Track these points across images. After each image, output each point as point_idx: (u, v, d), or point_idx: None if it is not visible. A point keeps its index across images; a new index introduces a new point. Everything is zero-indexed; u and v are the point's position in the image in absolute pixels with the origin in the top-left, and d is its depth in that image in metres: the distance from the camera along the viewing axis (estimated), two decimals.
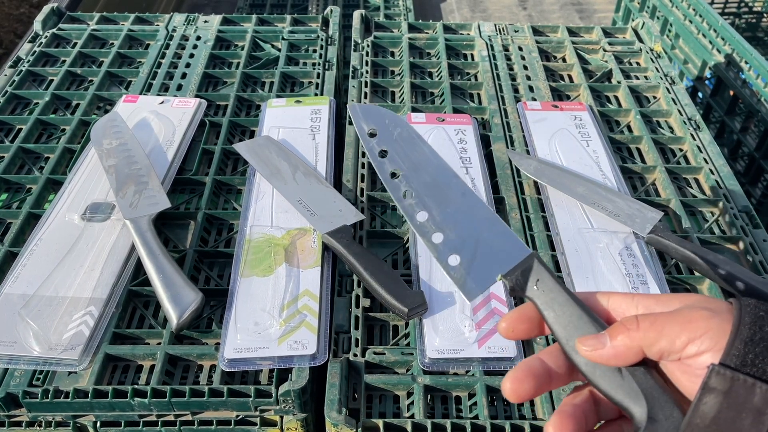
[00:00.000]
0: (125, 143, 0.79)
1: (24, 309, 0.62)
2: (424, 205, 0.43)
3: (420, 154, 0.46)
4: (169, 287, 0.62)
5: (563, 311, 0.37)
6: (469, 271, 0.41)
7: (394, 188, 0.44)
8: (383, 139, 0.46)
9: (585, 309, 0.37)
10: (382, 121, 0.47)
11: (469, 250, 0.41)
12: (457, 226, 0.42)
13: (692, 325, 0.33)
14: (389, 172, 0.45)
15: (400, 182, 0.44)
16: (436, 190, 0.44)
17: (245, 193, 0.76)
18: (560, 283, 0.38)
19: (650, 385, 0.34)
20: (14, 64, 0.99)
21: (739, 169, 1.35)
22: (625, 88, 0.96)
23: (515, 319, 0.39)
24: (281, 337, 0.60)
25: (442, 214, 0.43)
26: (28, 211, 0.74)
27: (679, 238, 0.68)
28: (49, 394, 0.56)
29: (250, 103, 0.93)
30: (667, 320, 0.34)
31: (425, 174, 0.45)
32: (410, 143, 0.46)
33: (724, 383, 0.31)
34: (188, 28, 1.08)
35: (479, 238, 0.41)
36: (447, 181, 0.44)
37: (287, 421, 0.59)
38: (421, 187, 0.44)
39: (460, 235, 0.42)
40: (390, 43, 1.06)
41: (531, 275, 0.39)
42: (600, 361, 0.35)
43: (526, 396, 0.37)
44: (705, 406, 0.32)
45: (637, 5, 1.66)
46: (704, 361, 0.33)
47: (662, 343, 0.34)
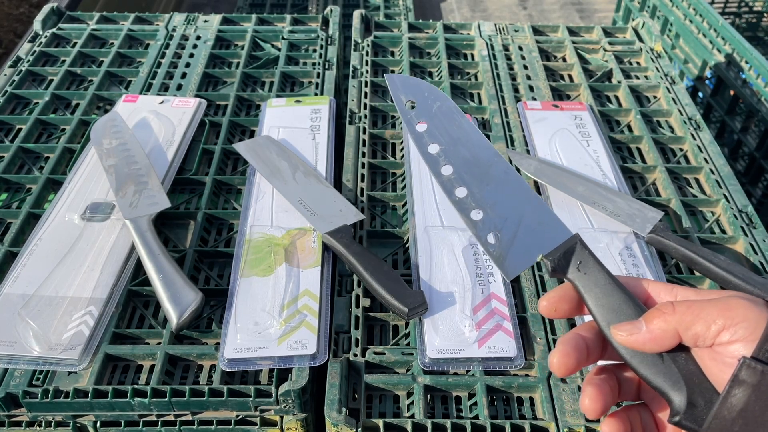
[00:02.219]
0: (125, 143, 0.79)
1: (24, 309, 0.62)
2: (463, 181, 0.42)
3: (460, 129, 0.44)
4: (169, 287, 0.62)
5: (604, 294, 0.37)
6: (509, 249, 0.40)
7: (433, 162, 0.43)
8: (422, 111, 0.45)
9: (626, 293, 0.37)
10: (421, 94, 0.46)
11: (510, 229, 0.40)
12: (498, 204, 0.41)
13: (730, 312, 0.33)
14: (427, 145, 0.43)
15: (438, 156, 0.43)
16: (476, 167, 0.43)
17: (245, 193, 0.76)
18: (602, 266, 0.38)
19: (691, 370, 0.34)
20: (14, 63, 0.99)
21: (739, 169, 1.35)
22: (625, 87, 0.96)
23: (557, 298, 0.39)
24: (281, 337, 0.60)
25: (482, 192, 0.42)
26: (28, 211, 0.74)
27: (679, 238, 0.68)
28: (49, 394, 0.56)
29: (250, 102, 0.93)
30: (704, 305, 0.34)
31: (465, 150, 0.44)
32: (449, 117, 0.45)
33: (755, 377, 0.31)
34: (188, 27, 1.08)
35: (520, 217, 0.41)
36: (488, 158, 0.43)
37: (287, 421, 0.59)
38: (461, 162, 0.43)
39: (500, 214, 0.41)
40: (390, 42, 1.06)
41: (573, 257, 0.38)
42: (636, 346, 0.35)
43: (571, 370, 0.37)
44: (734, 398, 0.32)
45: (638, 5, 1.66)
46: (736, 350, 0.33)
47: (698, 327, 0.34)
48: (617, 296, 0.37)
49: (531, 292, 0.67)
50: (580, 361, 0.37)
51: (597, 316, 0.37)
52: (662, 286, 0.38)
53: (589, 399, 0.37)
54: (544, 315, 0.39)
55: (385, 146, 0.86)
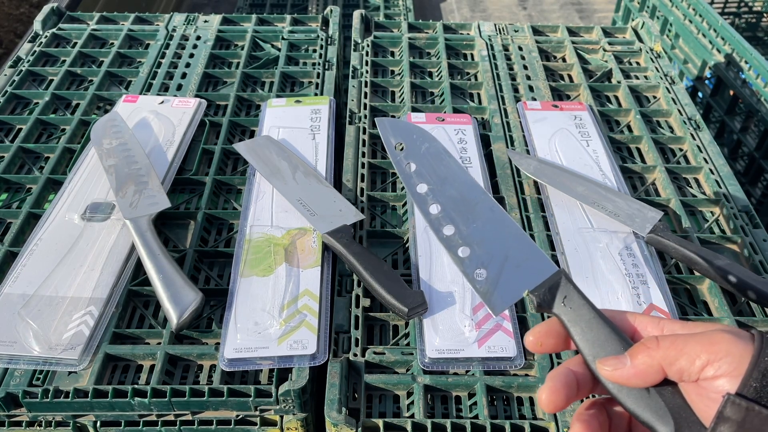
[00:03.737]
0: (125, 143, 0.79)
1: (24, 309, 0.62)
2: (451, 219, 0.44)
3: (447, 169, 0.46)
4: (169, 287, 0.62)
5: (590, 329, 0.37)
6: (495, 285, 0.41)
7: (421, 202, 0.45)
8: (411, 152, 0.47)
9: (612, 327, 0.37)
10: (410, 136, 0.47)
11: (496, 265, 0.41)
12: (485, 241, 0.43)
13: (713, 347, 0.33)
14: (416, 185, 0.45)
15: (427, 196, 0.45)
16: (463, 205, 0.44)
17: (245, 193, 0.76)
18: (587, 300, 0.38)
19: (677, 404, 0.34)
20: (14, 63, 0.99)
21: (739, 169, 1.35)
22: (625, 87, 0.96)
23: (543, 333, 0.39)
24: (281, 336, 0.60)
25: (469, 229, 0.43)
26: (28, 211, 0.74)
27: (679, 238, 0.68)
28: (49, 393, 0.56)
29: (250, 102, 0.93)
30: (688, 340, 0.34)
31: (452, 189, 0.45)
32: (437, 158, 0.46)
33: (739, 413, 0.31)
34: (188, 27, 1.08)
35: (506, 253, 0.42)
36: (474, 197, 0.45)
37: (287, 421, 0.59)
38: (449, 201, 0.44)
39: (487, 250, 0.42)
40: (390, 42, 1.06)
41: (558, 292, 0.39)
42: (621, 381, 0.35)
43: (560, 406, 0.37)
44: None
45: (637, 5, 1.66)
46: (720, 385, 0.33)
47: (682, 362, 0.34)
48: (603, 330, 0.37)
49: None
50: (570, 397, 0.37)
51: (583, 350, 0.37)
52: (648, 320, 0.38)
53: None
54: (529, 350, 0.40)
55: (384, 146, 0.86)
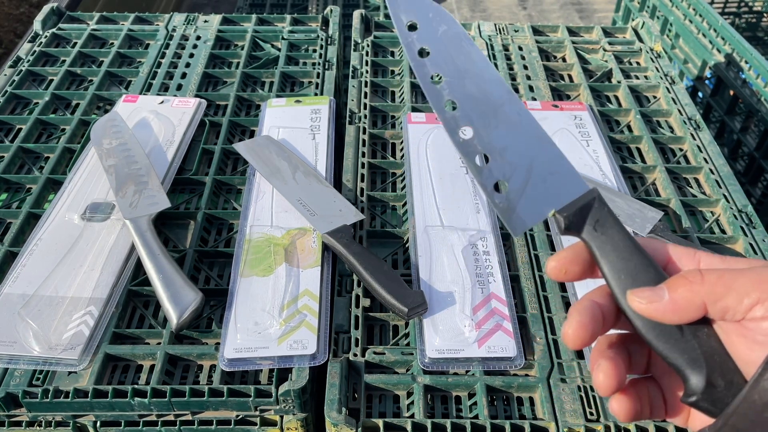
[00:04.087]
0: (125, 143, 0.79)
1: (24, 309, 0.62)
2: (469, 120, 0.37)
3: (468, 60, 0.39)
4: (168, 287, 0.62)
5: (621, 258, 0.33)
6: (517, 201, 0.36)
7: (435, 96, 0.38)
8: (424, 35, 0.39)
9: (647, 258, 0.33)
10: (425, 14, 0.39)
11: (519, 179, 0.36)
12: (508, 150, 0.36)
13: (766, 285, 0.30)
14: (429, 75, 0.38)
15: (443, 89, 0.38)
16: (485, 104, 0.37)
17: (245, 193, 0.76)
18: (622, 226, 0.34)
19: (712, 347, 0.31)
20: (14, 63, 0.99)
21: (739, 169, 1.35)
22: (625, 87, 0.96)
23: (568, 259, 0.35)
24: (281, 336, 0.60)
25: (489, 134, 0.37)
26: (27, 211, 0.74)
27: (678, 238, 0.68)
28: (49, 393, 0.56)
29: (250, 102, 0.93)
30: (737, 276, 0.31)
31: (473, 84, 0.38)
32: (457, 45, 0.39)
33: None
34: (188, 27, 1.08)
35: (532, 165, 0.36)
36: (499, 96, 0.38)
37: (287, 421, 0.59)
38: (468, 99, 0.38)
39: (510, 160, 0.36)
40: (390, 42, 1.06)
41: (590, 215, 0.34)
42: (654, 316, 0.32)
43: (586, 342, 0.33)
44: (767, 382, 0.29)
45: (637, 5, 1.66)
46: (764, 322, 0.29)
47: (729, 299, 0.30)
48: (636, 260, 0.33)
49: (531, 292, 0.67)
50: (596, 333, 0.33)
51: (612, 281, 0.33)
52: (683, 251, 0.35)
53: (604, 375, 0.33)
54: (551, 277, 0.35)
55: (385, 146, 0.86)
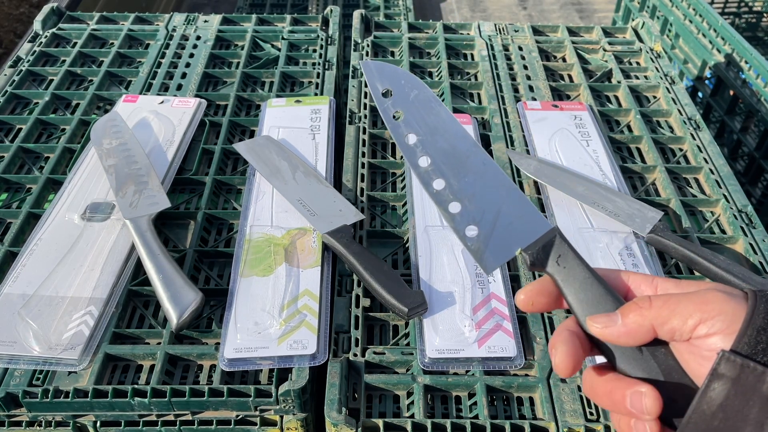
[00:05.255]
0: (125, 143, 0.79)
1: (24, 309, 0.62)
2: (441, 173, 0.41)
3: (437, 119, 0.43)
4: (169, 287, 0.62)
5: (583, 288, 0.37)
6: (487, 243, 0.39)
7: (410, 154, 0.42)
8: (398, 100, 0.43)
9: (605, 287, 0.37)
10: (398, 81, 0.44)
11: (488, 222, 0.39)
12: (476, 197, 0.40)
13: (706, 306, 0.33)
14: (404, 135, 0.42)
15: (415, 147, 0.42)
16: (454, 157, 0.41)
17: (245, 193, 0.76)
18: (581, 260, 0.37)
19: (669, 365, 0.34)
20: (14, 63, 0.99)
21: (739, 169, 1.35)
22: (625, 87, 0.96)
23: (535, 292, 0.38)
24: (281, 336, 0.60)
25: (460, 183, 0.41)
26: (28, 211, 0.74)
27: (679, 238, 0.68)
28: (49, 393, 0.56)
29: (250, 102, 0.93)
30: (681, 299, 0.34)
31: (443, 140, 0.42)
32: (427, 106, 0.43)
33: (734, 370, 0.31)
34: (188, 27, 1.08)
35: (499, 209, 0.40)
36: (466, 149, 0.42)
37: (287, 421, 0.59)
38: (439, 153, 0.41)
39: (479, 206, 0.40)
40: (390, 42, 1.06)
41: (552, 251, 0.38)
42: (610, 339, 0.35)
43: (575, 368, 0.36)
44: (713, 392, 0.31)
45: (637, 5, 1.66)
46: (713, 343, 0.32)
47: (674, 321, 0.33)
48: (596, 290, 0.36)
49: None
50: (580, 358, 0.36)
51: (576, 310, 0.37)
52: (642, 279, 0.38)
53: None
54: (521, 308, 0.39)
55: (385, 146, 0.86)
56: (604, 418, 0.57)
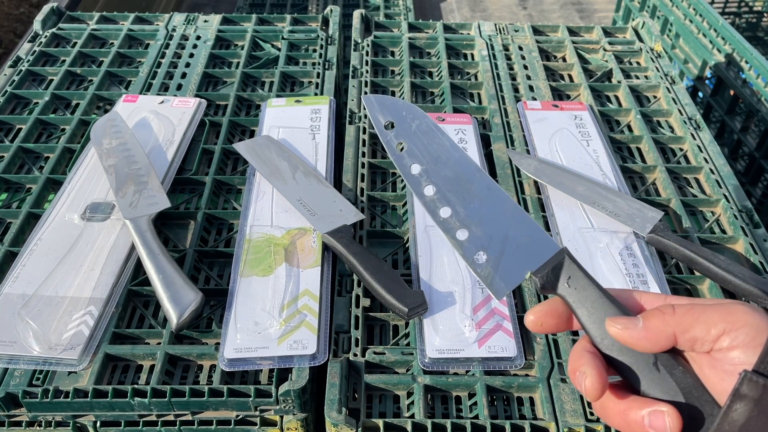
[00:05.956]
0: (125, 143, 0.79)
1: (24, 309, 0.62)
2: (447, 200, 0.41)
3: (440, 147, 0.43)
4: (168, 287, 0.61)
5: (596, 309, 0.36)
6: (497, 268, 0.39)
7: (415, 184, 0.42)
8: (401, 131, 0.44)
9: (619, 306, 0.36)
10: (399, 113, 0.45)
11: (497, 247, 0.39)
12: (483, 222, 0.40)
13: (731, 317, 0.32)
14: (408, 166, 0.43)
15: (420, 177, 0.42)
16: (459, 184, 0.42)
17: (245, 193, 0.76)
18: (592, 280, 0.37)
19: (689, 383, 0.33)
20: (14, 63, 0.99)
21: (739, 169, 1.35)
22: (625, 87, 0.96)
23: (545, 313, 0.38)
24: (281, 336, 0.60)
25: (466, 210, 0.41)
26: (27, 211, 0.74)
27: (679, 238, 0.68)
28: (48, 393, 0.56)
29: (250, 102, 0.93)
30: (706, 309, 0.33)
31: (447, 168, 0.42)
32: (429, 136, 0.44)
33: (756, 391, 0.31)
34: (188, 27, 1.08)
35: (506, 233, 0.40)
36: (470, 175, 0.42)
37: (287, 421, 0.59)
38: (443, 181, 0.42)
39: (486, 232, 0.40)
40: (390, 42, 1.06)
41: (562, 272, 0.38)
42: (629, 342, 0.34)
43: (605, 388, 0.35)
44: (735, 413, 0.31)
45: (638, 5, 1.66)
46: (735, 356, 0.32)
47: (697, 330, 0.33)
48: (610, 309, 0.36)
49: (531, 292, 0.67)
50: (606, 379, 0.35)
51: (590, 329, 0.36)
52: (655, 297, 0.37)
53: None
54: (530, 329, 0.38)
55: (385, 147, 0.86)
56: None
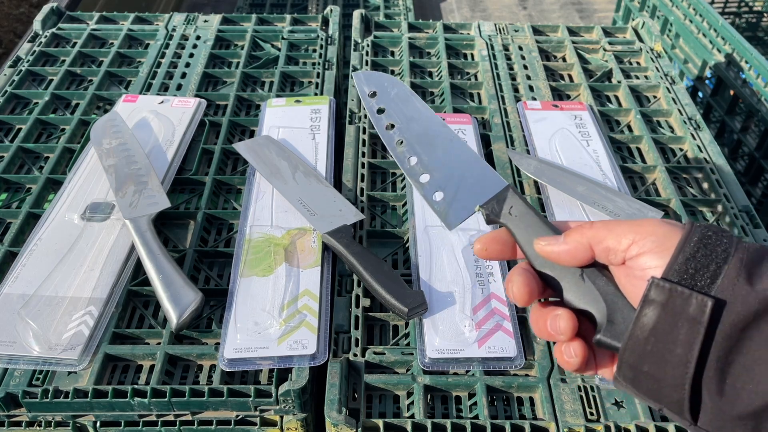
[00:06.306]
0: (125, 143, 0.79)
1: (24, 309, 0.62)
2: (414, 151, 0.48)
3: (413, 109, 0.50)
4: (168, 287, 0.61)
5: (533, 230, 0.40)
6: (450, 205, 0.45)
7: (389, 139, 0.49)
8: (382, 98, 0.51)
9: (553, 229, 0.40)
10: (382, 84, 0.52)
11: (452, 188, 0.45)
12: (443, 168, 0.47)
13: (640, 228, 0.36)
14: (385, 125, 0.50)
15: (394, 134, 0.49)
16: (426, 138, 0.48)
17: (245, 193, 0.76)
18: (533, 209, 0.41)
19: (610, 290, 0.37)
20: (14, 63, 0.99)
21: (739, 169, 1.35)
22: (625, 87, 0.96)
23: (490, 239, 0.42)
24: (281, 336, 0.60)
25: (430, 158, 0.47)
26: (27, 211, 0.74)
27: None
28: (48, 393, 0.56)
29: (249, 102, 0.93)
30: (620, 223, 0.37)
31: (417, 125, 0.49)
32: (405, 100, 0.51)
33: (663, 295, 0.33)
34: (188, 27, 1.08)
35: (462, 176, 0.46)
36: (436, 130, 0.49)
37: (287, 421, 0.59)
38: (413, 136, 0.48)
39: (445, 175, 0.46)
40: (390, 42, 1.06)
41: (505, 204, 0.42)
42: (552, 256, 0.39)
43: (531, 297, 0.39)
44: (645, 317, 0.34)
45: (637, 5, 1.66)
46: (644, 262, 0.35)
47: (610, 240, 0.36)
48: (544, 231, 0.40)
49: None
50: (534, 292, 0.40)
51: (526, 251, 0.40)
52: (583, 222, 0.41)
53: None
54: (478, 256, 0.43)
55: (385, 146, 0.86)
56: (605, 418, 0.57)
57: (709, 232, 0.34)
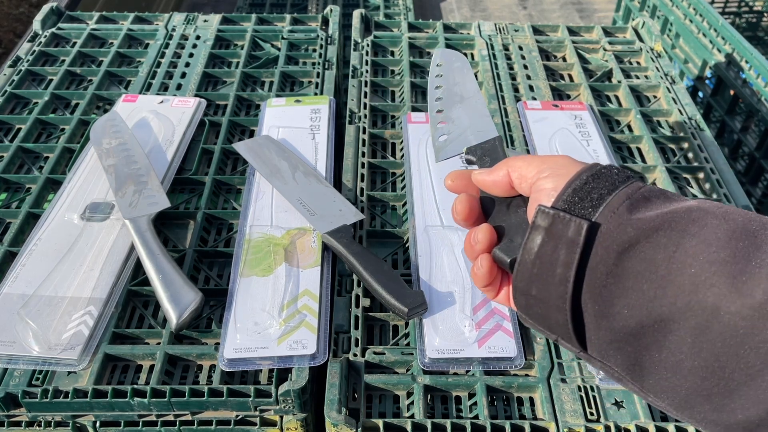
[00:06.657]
0: (125, 143, 0.79)
1: (23, 309, 0.62)
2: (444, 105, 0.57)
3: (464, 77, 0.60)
4: (168, 287, 0.61)
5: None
6: (449, 145, 0.53)
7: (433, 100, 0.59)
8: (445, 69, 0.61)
9: None
10: (450, 58, 0.62)
11: (456, 133, 0.54)
12: (458, 119, 0.55)
13: (548, 159, 0.40)
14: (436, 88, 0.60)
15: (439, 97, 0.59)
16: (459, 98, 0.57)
17: (245, 193, 0.76)
18: (503, 153, 0.48)
19: (521, 218, 0.42)
20: (13, 63, 0.99)
21: (739, 169, 1.35)
22: (625, 87, 0.96)
23: (457, 174, 0.47)
24: (281, 336, 0.60)
25: (451, 112, 0.56)
26: (27, 211, 0.74)
27: None
28: (48, 393, 0.56)
29: (249, 102, 0.93)
30: (535, 157, 0.41)
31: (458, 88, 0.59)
32: (461, 71, 0.60)
33: (547, 220, 0.36)
34: (188, 27, 1.08)
35: (468, 126, 0.54)
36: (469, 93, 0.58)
37: (287, 421, 0.59)
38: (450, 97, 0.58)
39: (456, 124, 0.55)
40: (390, 42, 1.06)
41: (484, 148, 0.50)
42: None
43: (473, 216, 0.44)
44: (531, 242, 0.36)
45: (638, 4, 1.66)
46: (542, 185, 0.38)
47: (522, 169, 0.40)
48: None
49: None
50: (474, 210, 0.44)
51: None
52: None
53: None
54: (447, 189, 0.47)
55: (384, 146, 0.86)
56: (605, 418, 0.56)
57: (604, 169, 0.36)
